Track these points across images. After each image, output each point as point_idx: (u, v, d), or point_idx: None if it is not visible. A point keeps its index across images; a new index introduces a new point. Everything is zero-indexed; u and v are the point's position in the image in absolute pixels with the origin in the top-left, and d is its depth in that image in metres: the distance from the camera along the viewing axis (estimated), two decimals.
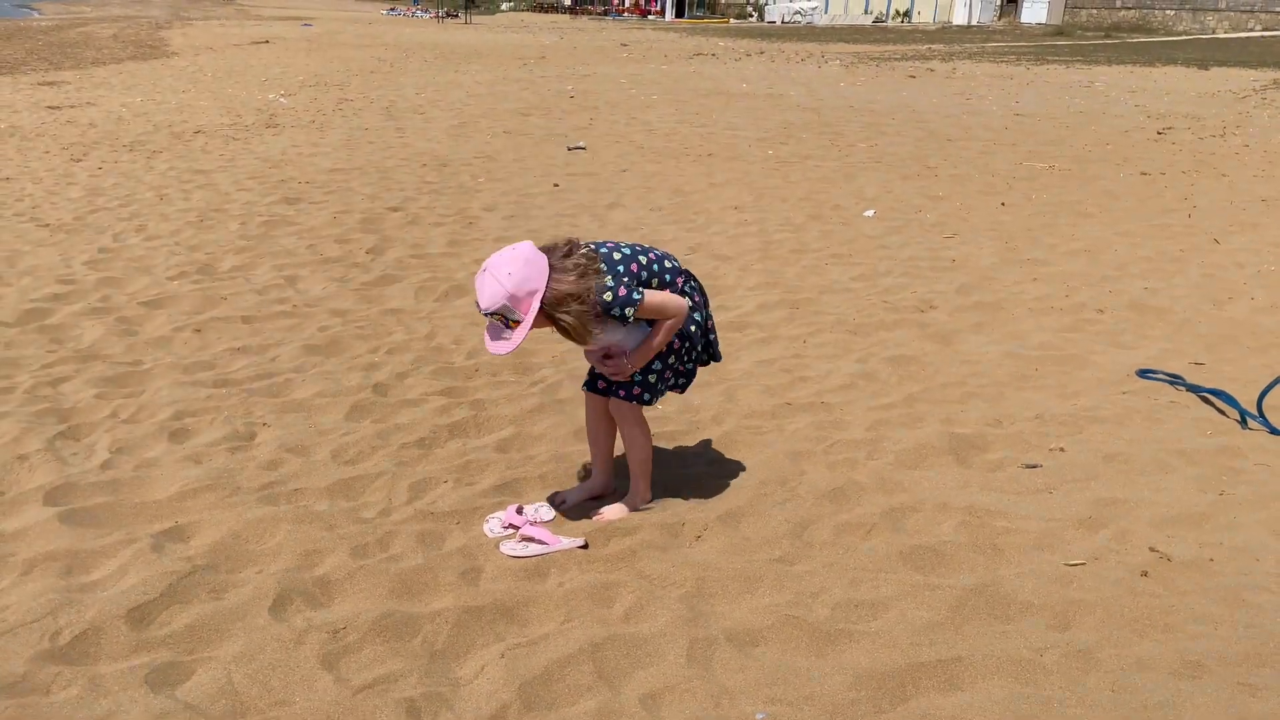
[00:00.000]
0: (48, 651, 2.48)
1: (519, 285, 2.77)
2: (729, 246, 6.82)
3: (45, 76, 19.39)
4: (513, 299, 2.77)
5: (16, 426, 3.75)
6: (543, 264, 2.82)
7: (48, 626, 2.56)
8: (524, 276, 2.78)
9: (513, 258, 2.81)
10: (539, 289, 2.79)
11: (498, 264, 2.81)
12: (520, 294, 2.77)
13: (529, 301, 2.79)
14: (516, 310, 2.79)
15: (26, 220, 7.22)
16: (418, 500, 3.32)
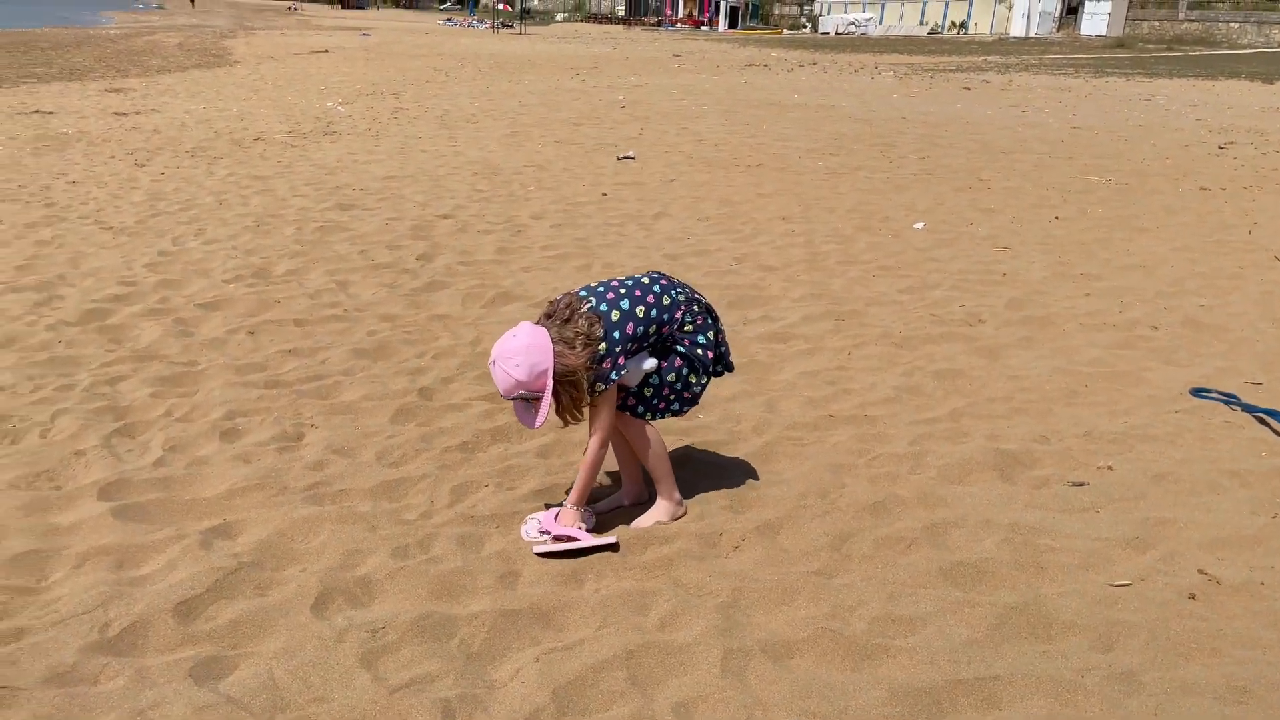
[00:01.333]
0: (97, 643, 2.55)
1: (528, 373, 2.90)
2: (775, 257, 6.80)
3: (113, 83, 19.93)
4: (524, 384, 2.91)
5: (75, 423, 3.87)
6: (545, 343, 2.93)
7: (98, 618, 2.64)
8: (530, 364, 2.90)
9: (515, 349, 2.93)
10: (548, 367, 2.92)
11: (505, 357, 2.93)
12: (531, 378, 2.91)
13: (542, 380, 2.91)
14: (533, 391, 2.93)
15: (91, 223, 7.44)
16: (459, 503, 3.36)
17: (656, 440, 3.26)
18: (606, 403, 3.06)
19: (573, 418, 3.06)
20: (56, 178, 9.36)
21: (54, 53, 28.51)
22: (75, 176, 9.43)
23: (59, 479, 3.46)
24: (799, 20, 68.69)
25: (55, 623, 2.63)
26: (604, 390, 3.02)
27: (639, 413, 3.21)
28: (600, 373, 2.98)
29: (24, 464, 3.52)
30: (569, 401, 2.99)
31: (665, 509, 3.28)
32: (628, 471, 3.42)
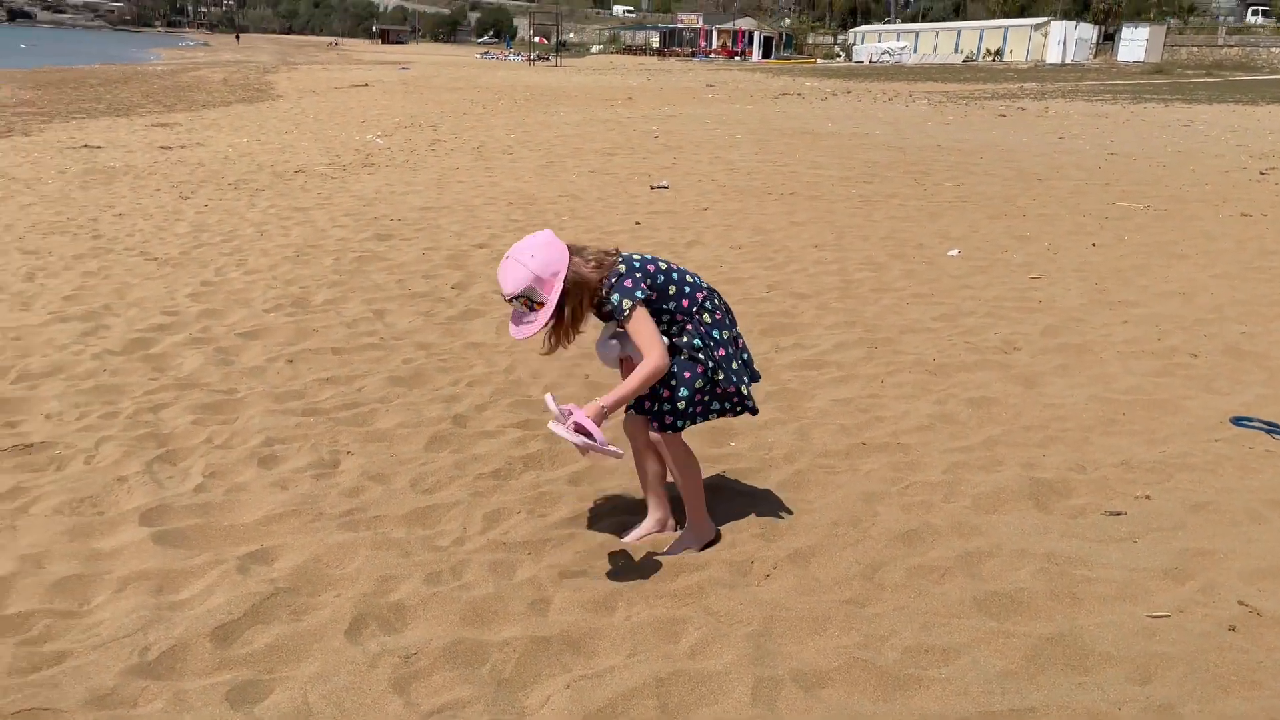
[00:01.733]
0: (137, 666, 2.60)
1: (543, 267, 2.85)
2: (808, 284, 6.81)
3: (159, 118, 20.44)
4: (537, 280, 2.85)
5: (118, 450, 3.95)
6: (563, 249, 2.91)
7: (138, 642, 2.69)
8: (547, 259, 2.86)
9: (534, 243, 2.90)
10: (561, 271, 2.87)
11: (520, 249, 2.90)
12: (545, 275, 2.85)
13: (552, 283, 2.86)
14: (540, 292, 2.87)
15: (136, 254, 7.62)
16: (491, 530, 3.39)
17: (692, 458, 3.24)
18: (645, 321, 2.93)
19: (564, 341, 3.01)
20: (104, 210, 9.60)
21: (103, 89, 29.31)
22: (122, 209, 9.67)
23: (102, 505, 3.54)
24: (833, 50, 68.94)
25: (96, 646, 2.68)
26: (633, 310, 2.91)
27: (673, 426, 3.11)
28: (624, 289, 2.91)
29: (69, 490, 3.61)
30: (569, 317, 2.94)
31: (697, 530, 3.27)
32: (655, 498, 3.38)
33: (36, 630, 2.77)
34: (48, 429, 4.18)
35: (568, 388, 4.80)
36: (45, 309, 6.03)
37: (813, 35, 74.68)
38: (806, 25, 78.77)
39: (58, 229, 8.62)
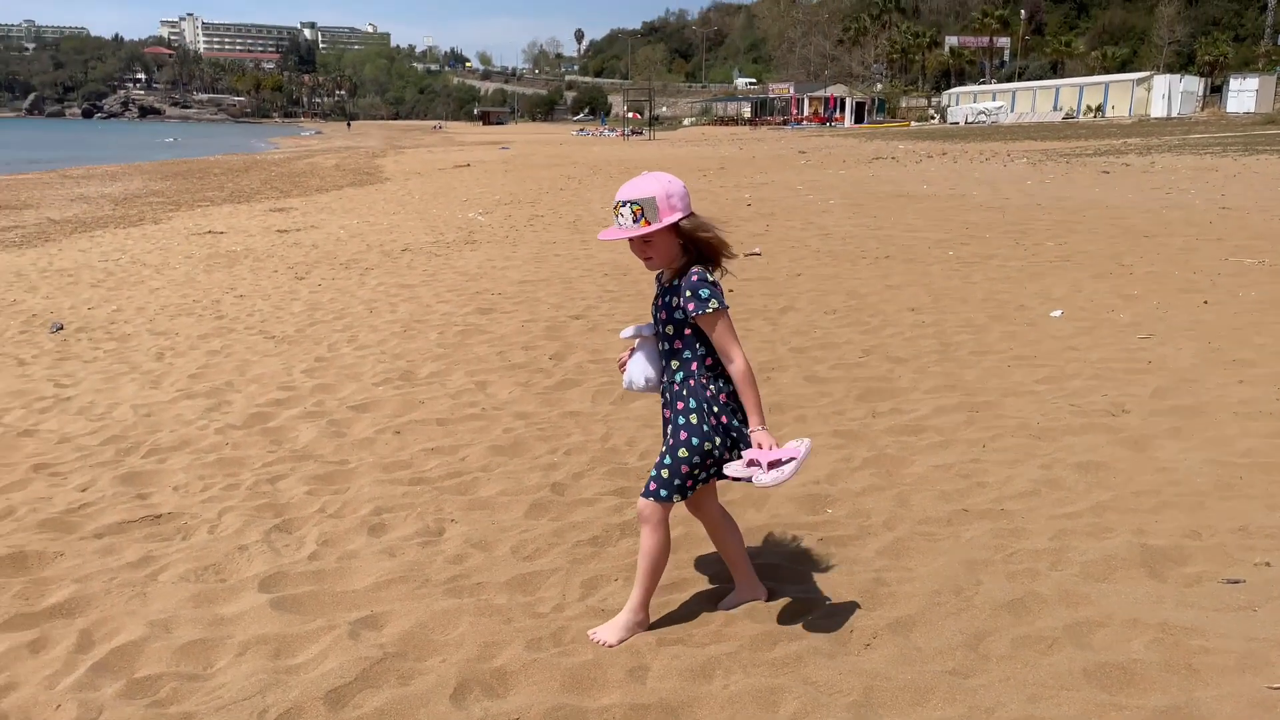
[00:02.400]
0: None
1: (672, 194, 2.92)
2: (905, 349, 6.75)
3: (276, 203, 21.62)
4: (664, 199, 2.90)
5: (239, 520, 4.17)
6: (689, 201, 2.99)
7: (257, 705, 2.82)
8: (680, 193, 2.94)
9: (674, 178, 2.98)
10: (682, 212, 2.93)
11: (659, 173, 2.99)
12: (672, 200, 2.91)
13: (670, 214, 2.91)
14: (658, 212, 2.90)
15: (256, 333, 8.06)
16: (589, 597, 3.44)
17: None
18: (724, 321, 2.98)
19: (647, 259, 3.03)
20: (226, 292, 10.18)
21: (225, 178, 31.20)
22: (242, 290, 10.24)
23: (224, 572, 3.73)
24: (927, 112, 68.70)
25: (219, 708, 2.82)
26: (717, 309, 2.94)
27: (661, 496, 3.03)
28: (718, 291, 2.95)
29: (194, 558, 3.81)
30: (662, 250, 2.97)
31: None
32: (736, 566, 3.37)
33: (164, 692, 2.93)
34: (175, 500, 4.44)
35: None
36: (173, 386, 6.41)
37: (906, 98, 74.63)
38: (899, 89, 78.87)
39: (184, 311, 9.18)
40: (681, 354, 3.06)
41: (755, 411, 2.98)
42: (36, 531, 4.10)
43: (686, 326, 3.02)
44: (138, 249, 13.94)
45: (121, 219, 18.63)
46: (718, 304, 2.94)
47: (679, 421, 3.03)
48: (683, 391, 3.05)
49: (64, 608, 3.45)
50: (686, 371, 3.05)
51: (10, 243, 15.20)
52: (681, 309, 2.97)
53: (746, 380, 2.98)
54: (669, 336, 3.07)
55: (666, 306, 3.05)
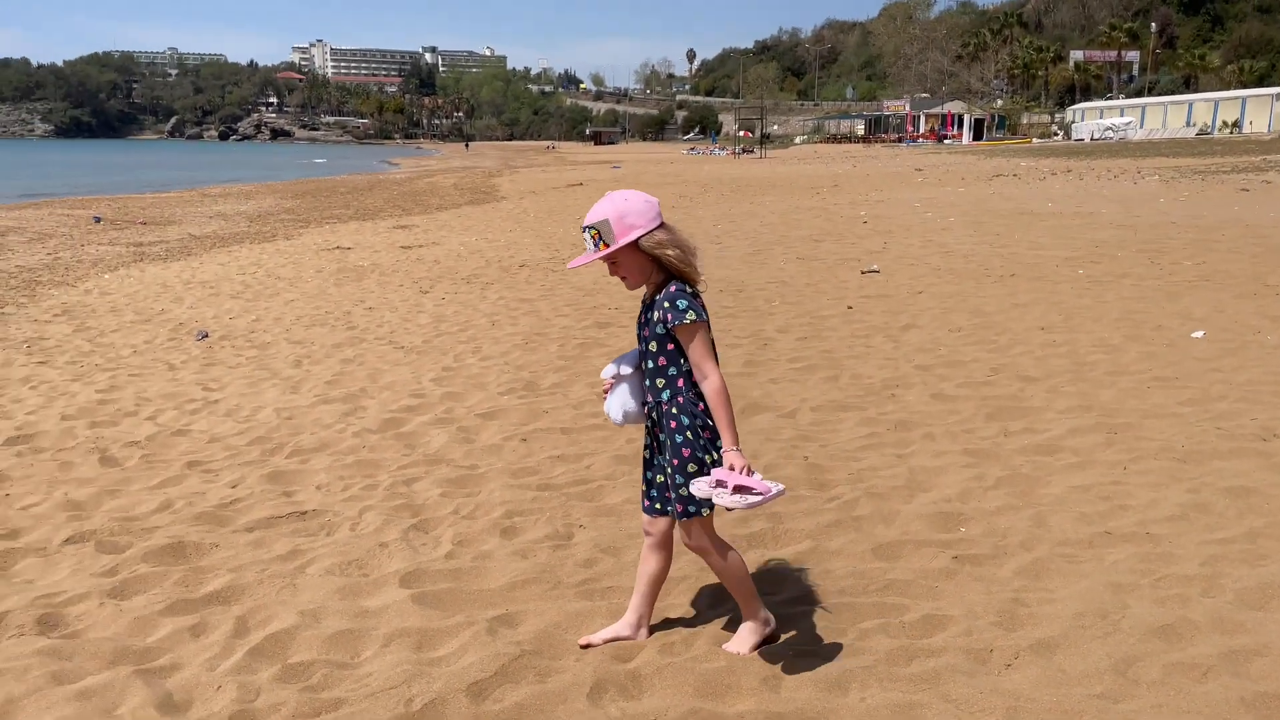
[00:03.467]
0: (403, 716, 2.82)
1: (626, 213, 2.85)
2: (1036, 368, 6.55)
3: (399, 221, 22.37)
4: (617, 220, 2.85)
5: (379, 518, 4.33)
6: (656, 217, 2.90)
7: (402, 694, 2.92)
8: (636, 209, 2.87)
9: (635, 194, 2.93)
10: (640, 228, 2.86)
11: (620, 191, 2.94)
12: (625, 221, 2.85)
13: (627, 233, 2.85)
14: (613, 233, 2.86)
15: (385, 343, 8.36)
16: (718, 605, 3.45)
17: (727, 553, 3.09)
18: (701, 335, 2.89)
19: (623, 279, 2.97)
20: (356, 304, 10.59)
21: (350, 196, 32.49)
22: (371, 303, 10.63)
23: (366, 567, 3.88)
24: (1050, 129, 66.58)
25: (367, 695, 2.93)
26: (698, 324, 2.87)
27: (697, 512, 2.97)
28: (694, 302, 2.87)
29: (339, 553, 3.98)
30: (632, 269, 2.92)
31: (752, 630, 3.14)
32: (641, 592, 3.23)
33: (315, 678, 3.06)
34: (318, 498, 4.64)
35: (785, 469, 4.82)
36: (311, 392, 6.71)
37: (1027, 115, 72.52)
38: (1021, 105, 76.69)
39: (318, 321, 9.59)
40: (666, 371, 2.97)
41: (728, 431, 2.89)
42: (193, 524, 4.34)
43: (669, 341, 2.93)
44: (272, 263, 14.62)
45: (256, 235, 19.58)
46: (695, 316, 2.87)
47: (676, 440, 2.96)
48: (672, 410, 2.96)
49: (221, 595, 3.64)
50: (674, 389, 2.96)
51: (156, 256, 16.16)
52: (661, 322, 2.91)
53: (719, 398, 2.89)
54: (653, 354, 2.98)
55: (649, 323, 2.98)
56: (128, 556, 3.98)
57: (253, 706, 2.90)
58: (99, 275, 13.96)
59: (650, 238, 2.87)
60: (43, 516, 4.46)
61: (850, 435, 5.27)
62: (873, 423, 5.47)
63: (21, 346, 8.78)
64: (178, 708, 2.93)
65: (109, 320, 10.07)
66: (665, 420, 2.97)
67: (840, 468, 4.76)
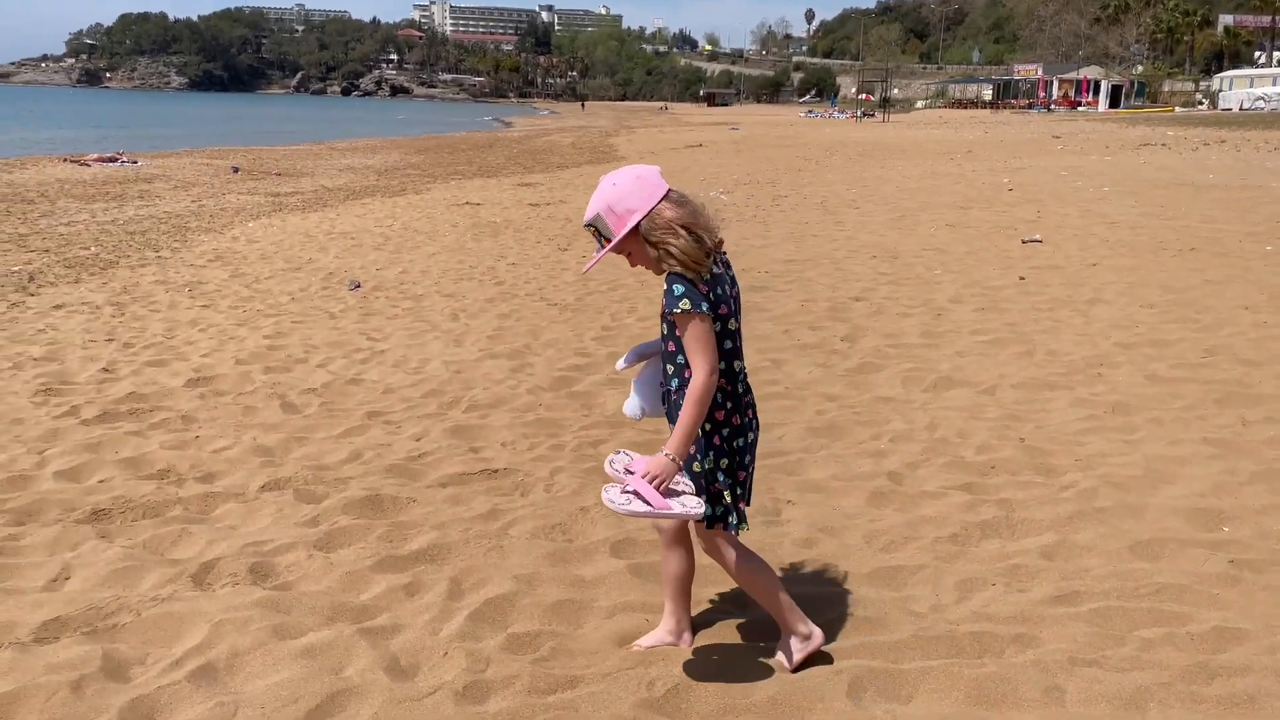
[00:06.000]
0: (646, 700, 2.61)
1: (618, 200, 2.52)
2: (1254, 351, 5.96)
3: (522, 178, 22.37)
4: (608, 211, 2.53)
5: (573, 480, 4.15)
6: (653, 192, 2.53)
7: (642, 676, 2.71)
8: (627, 192, 2.53)
9: (627, 172, 2.58)
10: (639, 210, 2.51)
11: (610, 176, 2.59)
12: (618, 210, 2.51)
13: (624, 221, 2.52)
14: (609, 227, 2.54)
15: (537, 300, 8.22)
16: (967, 600, 3.14)
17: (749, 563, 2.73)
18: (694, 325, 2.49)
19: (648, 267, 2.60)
20: (498, 260, 10.51)
21: (472, 153, 32.74)
22: (513, 259, 10.53)
23: (570, 532, 3.70)
24: (1194, 97, 62.75)
25: (604, 675, 2.74)
26: (694, 312, 2.48)
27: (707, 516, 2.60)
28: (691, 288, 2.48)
29: (539, 516, 3.81)
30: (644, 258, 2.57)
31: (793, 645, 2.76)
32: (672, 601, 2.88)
33: (544, 650, 2.89)
34: (506, 457, 4.49)
35: (1001, 450, 4.44)
36: (475, 346, 6.60)
37: (1169, 82, 68.39)
38: (1162, 71, 72.28)
39: (464, 276, 9.53)
40: (675, 358, 2.64)
41: (680, 434, 2.49)
42: (385, 476, 4.24)
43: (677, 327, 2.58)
44: (406, 216, 14.71)
45: (385, 189, 19.82)
46: (689, 304, 2.48)
47: None
48: (678, 400, 2.62)
49: (428, 554, 3.51)
50: (681, 379, 2.62)
51: (295, 207, 16.47)
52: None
53: (698, 398, 2.48)
54: (664, 338, 2.68)
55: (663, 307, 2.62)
56: (327, 507, 3.90)
57: (484, 678, 2.73)
58: (243, 223, 14.29)
59: (654, 219, 2.51)
60: (236, 461, 4.43)
61: (1065, 417, 4.85)
62: (1086, 404, 5.03)
63: (184, 290, 8.97)
64: (405, 672, 2.79)
65: (261, 267, 10.22)
66: (671, 410, 2.68)
67: (1063, 452, 4.36)
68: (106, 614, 3.06)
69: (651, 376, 2.82)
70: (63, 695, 2.61)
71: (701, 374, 2.49)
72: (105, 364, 6.12)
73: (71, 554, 3.49)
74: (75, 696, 2.62)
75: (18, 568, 3.38)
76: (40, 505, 3.89)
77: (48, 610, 3.06)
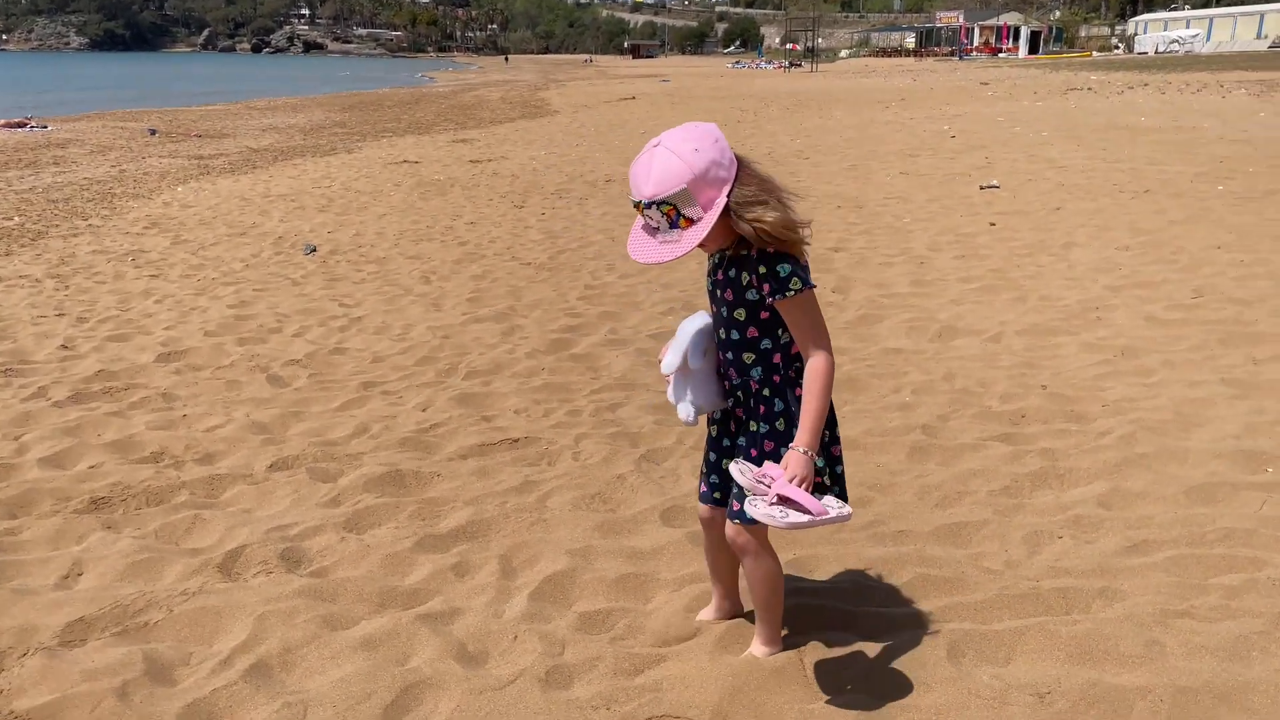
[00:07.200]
0: (734, 681, 2.47)
1: (706, 169, 2.08)
2: (1241, 289, 6.02)
3: (456, 135, 21.78)
4: (695, 184, 2.08)
5: (601, 448, 3.98)
6: (731, 152, 2.16)
7: (723, 659, 2.57)
8: (714, 159, 2.10)
9: (698, 133, 2.12)
10: (727, 180, 2.11)
11: (677, 139, 2.11)
12: (708, 178, 2.08)
13: (713, 193, 2.10)
14: (695, 200, 2.09)
15: (508, 259, 7.96)
16: (1037, 554, 3.07)
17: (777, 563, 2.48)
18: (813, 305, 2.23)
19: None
20: (454, 219, 10.17)
21: (399, 110, 31.76)
22: (469, 218, 10.20)
23: (612, 502, 3.54)
24: (1109, 41, 64.03)
25: (688, 653, 2.60)
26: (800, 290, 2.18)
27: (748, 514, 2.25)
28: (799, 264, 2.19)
29: (575, 486, 3.64)
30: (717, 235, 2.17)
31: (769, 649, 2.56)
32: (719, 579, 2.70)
33: (619, 629, 2.74)
34: (522, 425, 4.30)
35: (1026, 399, 4.39)
36: (456, 310, 6.34)
37: (1085, 27, 69.67)
38: (1079, 17, 73.58)
39: (423, 236, 9.19)
40: (759, 344, 2.30)
41: (809, 426, 2.19)
42: (399, 450, 4.02)
43: (763, 309, 2.26)
44: (344, 176, 14.20)
45: (314, 148, 19.10)
46: (801, 283, 2.18)
47: (762, 429, 2.31)
48: (764, 391, 2.31)
49: (468, 531, 3.32)
50: (768, 366, 2.31)
51: (222, 169, 15.77)
52: (755, 288, 2.23)
53: (822, 381, 2.20)
54: (739, 323, 2.29)
55: (732, 283, 2.27)
56: (345, 485, 3.67)
57: (564, 661, 2.57)
58: (171, 188, 13.63)
59: (739, 194, 2.12)
60: (233, 440, 4.15)
61: (1079, 362, 4.83)
62: (1095, 348, 5.02)
63: (126, 259, 8.48)
64: (475, 660, 2.62)
65: (203, 233, 9.73)
66: (753, 403, 2.33)
67: (1089, 398, 4.33)
68: (134, 612, 2.81)
69: (708, 369, 2.40)
70: (110, 704, 2.38)
71: (823, 356, 2.22)
72: (63, 340, 5.73)
73: (78, 547, 3.22)
74: (123, 704, 2.39)
75: (22, 565, 3.10)
76: (31, 496, 3.59)
77: (68, 611, 2.81)
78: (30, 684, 2.50)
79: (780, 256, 2.18)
